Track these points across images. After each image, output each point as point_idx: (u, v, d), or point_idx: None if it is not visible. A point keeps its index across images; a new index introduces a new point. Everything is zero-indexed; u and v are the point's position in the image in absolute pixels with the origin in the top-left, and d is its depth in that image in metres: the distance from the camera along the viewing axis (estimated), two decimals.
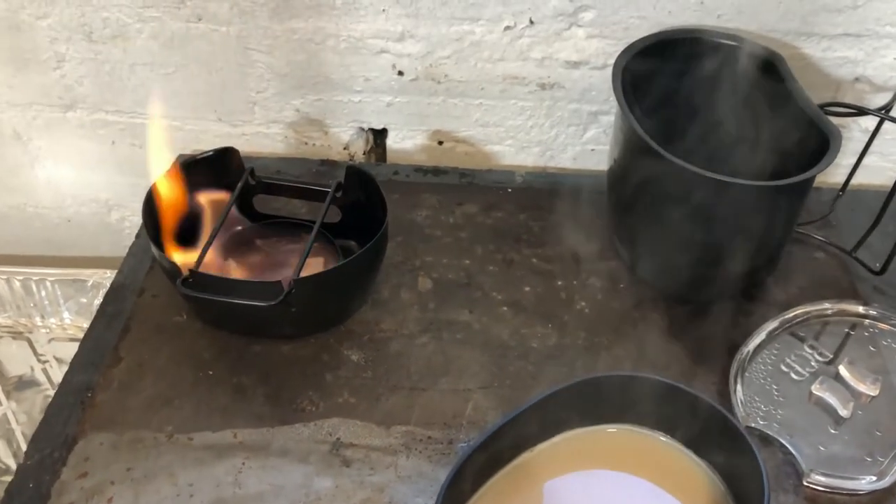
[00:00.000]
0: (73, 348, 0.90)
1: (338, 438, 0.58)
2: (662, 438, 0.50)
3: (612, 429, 0.50)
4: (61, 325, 0.92)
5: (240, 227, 0.70)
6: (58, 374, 0.88)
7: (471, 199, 0.77)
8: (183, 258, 0.62)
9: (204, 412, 0.60)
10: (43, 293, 0.91)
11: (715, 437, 0.48)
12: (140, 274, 0.70)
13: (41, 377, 0.88)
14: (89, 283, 0.90)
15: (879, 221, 0.68)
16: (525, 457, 0.49)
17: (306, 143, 0.83)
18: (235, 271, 0.66)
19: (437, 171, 0.81)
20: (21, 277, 0.90)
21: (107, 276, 0.90)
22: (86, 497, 0.55)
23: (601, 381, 0.48)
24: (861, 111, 0.64)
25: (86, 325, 0.91)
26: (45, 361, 0.89)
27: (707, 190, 0.59)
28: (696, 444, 0.49)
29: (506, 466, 0.48)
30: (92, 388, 0.62)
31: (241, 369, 0.63)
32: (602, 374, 0.49)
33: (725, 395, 0.60)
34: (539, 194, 0.78)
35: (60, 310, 0.91)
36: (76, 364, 0.64)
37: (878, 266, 0.69)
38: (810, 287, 0.69)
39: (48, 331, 0.92)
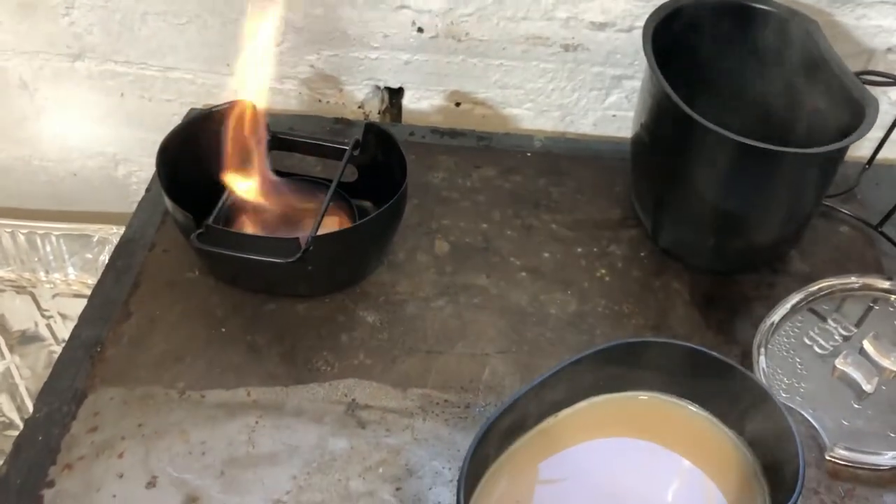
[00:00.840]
0: (77, 304, 0.89)
1: (353, 399, 0.57)
2: (691, 408, 0.49)
3: (640, 396, 0.49)
4: (66, 280, 0.90)
5: (255, 184, 0.69)
6: (62, 329, 0.87)
7: (488, 163, 0.76)
8: (197, 212, 0.60)
9: (217, 370, 0.59)
10: (48, 248, 0.89)
11: (746, 406, 0.47)
12: (150, 228, 0.69)
13: (45, 332, 0.86)
14: (95, 239, 0.88)
15: None
16: (549, 422, 0.48)
17: (320, 101, 0.82)
18: (249, 228, 0.65)
19: (453, 133, 0.79)
20: (26, 231, 0.89)
21: (113, 232, 0.88)
22: (96, 451, 0.54)
23: (630, 346, 0.47)
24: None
25: (90, 280, 0.90)
26: (49, 317, 0.88)
27: (737, 156, 0.57)
28: (726, 413, 0.48)
29: (530, 431, 0.47)
30: (101, 343, 0.60)
31: (254, 328, 0.61)
32: (632, 340, 0.47)
33: (748, 368, 0.59)
34: (559, 159, 0.76)
35: (65, 265, 0.90)
36: (85, 318, 0.62)
37: None
38: (835, 261, 0.68)
39: (52, 286, 0.90)
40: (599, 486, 0.47)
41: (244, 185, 0.67)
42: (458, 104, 0.80)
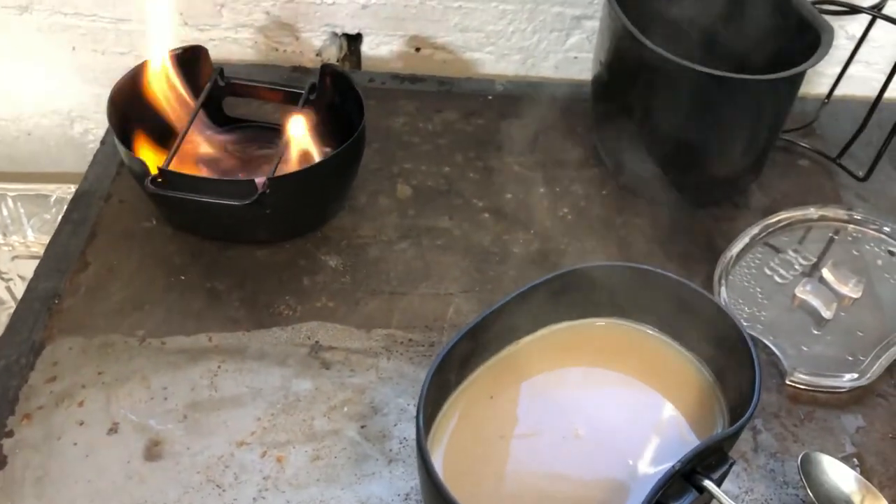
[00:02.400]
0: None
1: (316, 342, 0.57)
2: (650, 331, 0.49)
3: (599, 322, 0.49)
4: (24, 242, 0.89)
5: (209, 132, 0.68)
6: (22, 291, 0.85)
7: (450, 107, 0.75)
8: (152, 160, 0.59)
9: (177, 317, 0.58)
10: (4, 211, 0.87)
11: (705, 328, 0.47)
12: (106, 181, 0.67)
13: (5, 295, 0.85)
14: (52, 199, 0.87)
15: (864, 129, 0.68)
16: (510, 349, 0.48)
17: (276, 50, 0.80)
18: (206, 175, 0.64)
19: (414, 78, 0.78)
20: None
21: (70, 191, 0.86)
22: (55, 401, 0.53)
23: (587, 271, 0.47)
24: (853, 9, 0.62)
25: None
26: (8, 280, 0.86)
27: (696, 86, 0.57)
28: (685, 336, 0.49)
29: (491, 359, 0.47)
30: (59, 295, 0.59)
31: (214, 274, 0.61)
32: (589, 265, 0.47)
33: None
34: (520, 102, 0.76)
35: (23, 227, 0.88)
36: (41, 271, 0.61)
37: (861, 173, 0.69)
38: (794, 193, 0.68)
39: (11, 248, 0.88)
40: (559, 411, 0.47)
41: (199, 133, 0.66)
42: (418, 49, 0.79)
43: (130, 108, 0.62)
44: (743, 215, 0.66)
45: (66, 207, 0.83)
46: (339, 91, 0.65)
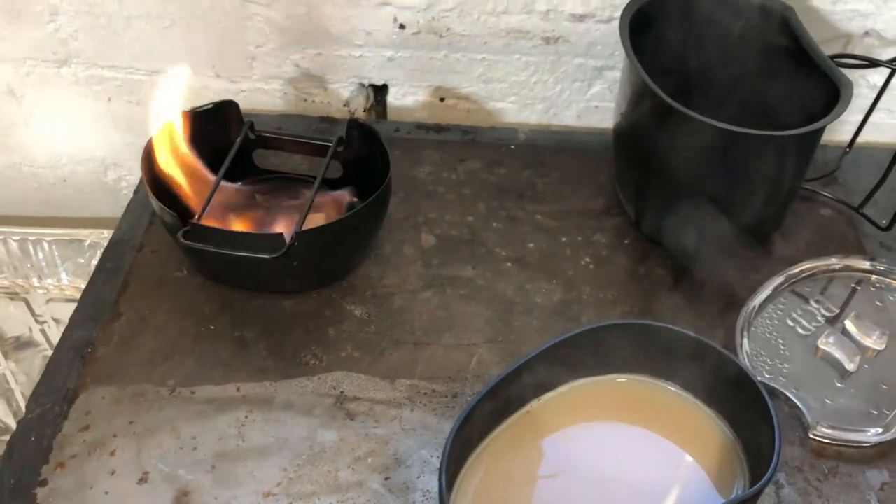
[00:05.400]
0: (70, 309, 0.88)
1: (342, 392, 0.58)
2: (671, 388, 0.50)
3: (621, 378, 0.50)
4: (59, 285, 0.91)
5: (239, 183, 0.69)
6: (56, 334, 0.88)
7: (473, 156, 0.76)
8: (183, 211, 0.61)
9: (206, 366, 0.59)
10: (40, 254, 0.90)
11: (725, 386, 0.47)
12: (139, 230, 0.69)
13: (39, 338, 0.87)
14: (87, 244, 0.89)
15: (887, 177, 0.68)
16: (532, 406, 0.48)
17: (305, 100, 0.82)
18: (236, 226, 0.65)
19: (438, 128, 0.80)
20: (18, 238, 0.89)
21: (104, 237, 0.89)
22: (88, 450, 0.55)
23: (609, 329, 0.48)
24: (872, 62, 0.63)
25: (83, 285, 0.90)
26: (42, 322, 0.88)
27: (716, 141, 0.58)
28: (706, 393, 0.49)
29: (512, 416, 0.48)
30: (92, 343, 0.61)
31: (242, 324, 0.62)
32: (610, 323, 0.48)
33: (731, 350, 0.59)
34: (542, 151, 0.77)
35: (58, 270, 0.91)
36: (76, 319, 0.63)
37: (884, 222, 0.69)
38: (817, 243, 0.69)
39: (45, 291, 0.91)
40: (582, 469, 0.48)
41: (230, 185, 0.67)
42: (442, 99, 0.81)
43: (164, 160, 0.64)
44: (765, 265, 0.66)
45: (100, 256, 0.86)
46: (366, 144, 0.67)
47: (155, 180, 0.63)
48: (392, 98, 0.82)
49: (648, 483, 0.47)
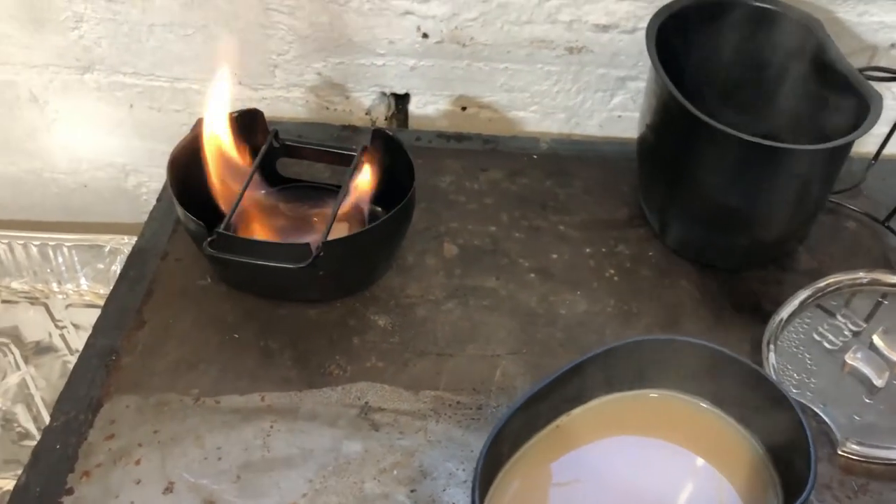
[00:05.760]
0: (90, 314, 0.90)
1: (366, 402, 0.58)
2: (702, 404, 0.50)
3: (650, 394, 0.50)
4: (78, 290, 0.91)
5: (262, 191, 0.69)
6: (75, 339, 0.88)
7: (495, 166, 0.76)
8: (207, 219, 0.61)
9: (230, 375, 0.59)
10: (60, 259, 0.90)
11: (757, 402, 0.47)
12: (162, 237, 0.69)
13: (59, 343, 0.87)
14: (106, 249, 0.89)
15: None
16: (562, 420, 0.48)
17: (327, 108, 0.82)
18: (259, 235, 0.65)
19: (459, 137, 0.80)
20: (38, 243, 0.89)
21: (124, 242, 0.89)
22: (113, 459, 0.55)
23: (640, 344, 0.47)
24: None
25: (103, 290, 0.91)
26: (62, 327, 0.89)
27: (743, 154, 0.58)
28: (738, 410, 0.49)
29: (542, 430, 0.47)
30: (116, 351, 0.61)
31: (267, 333, 0.62)
32: (642, 338, 0.48)
33: (758, 364, 0.59)
34: (565, 161, 0.77)
35: (77, 275, 0.91)
36: (99, 327, 0.63)
37: None
38: (842, 256, 0.68)
39: (65, 297, 0.91)
40: (611, 484, 0.48)
41: (254, 193, 0.67)
42: (464, 108, 0.81)
43: (188, 167, 0.64)
44: (790, 278, 0.66)
45: (120, 262, 0.86)
46: (389, 153, 0.66)
47: (181, 187, 0.63)
48: (413, 107, 0.82)
49: (678, 499, 0.46)
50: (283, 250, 0.59)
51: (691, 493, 0.46)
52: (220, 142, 0.65)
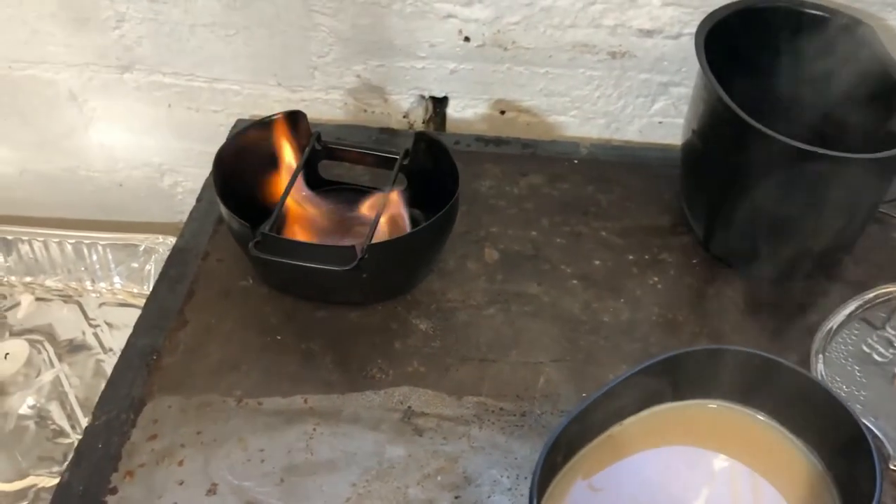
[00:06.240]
0: (123, 312, 0.90)
1: (409, 407, 0.57)
2: (760, 417, 0.49)
3: (709, 405, 0.49)
4: (111, 289, 0.91)
5: (304, 193, 0.69)
6: (108, 338, 0.88)
7: (535, 170, 0.76)
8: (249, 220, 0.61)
9: (273, 377, 0.59)
10: (94, 257, 0.90)
11: (816, 416, 0.46)
12: (203, 237, 0.69)
13: (92, 341, 0.87)
14: (141, 248, 0.89)
15: None
16: (615, 430, 0.47)
17: (365, 111, 0.82)
18: (301, 237, 0.65)
19: (498, 141, 0.79)
20: (73, 241, 0.89)
21: (159, 241, 0.89)
22: (157, 459, 0.55)
23: (697, 354, 0.47)
24: None
25: (136, 290, 0.91)
26: (96, 326, 0.89)
27: (795, 162, 0.57)
28: (796, 423, 0.48)
29: (595, 439, 0.47)
30: (158, 351, 0.61)
31: (309, 335, 0.62)
32: (700, 348, 0.47)
33: None
34: (605, 166, 0.76)
35: (111, 274, 0.91)
36: (140, 326, 0.63)
37: None
38: (889, 267, 0.67)
39: (98, 295, 0.91)
40: (662, 496, 0.47)
41: (296, 195, 0.67)
42: (502, 112, 0.81)
43: (232, 167, 0.64)
44: (836, 289, 0.65)
45: (157, 261, 0.86)
46: (431, 157, 0.66)
47: (224, 187, 0.63)
48: (451, 110, 0.81)
49: None
50: (329, 252, 0.59)
51: None
52: (265, 142, 0.65)
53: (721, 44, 0.64)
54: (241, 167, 0.65)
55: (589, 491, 0.46)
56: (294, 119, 0.67)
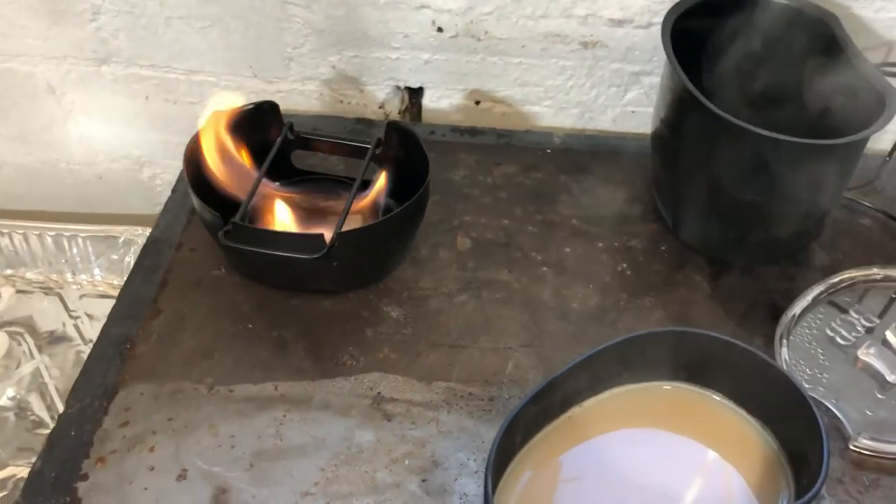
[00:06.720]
0: (103, 304, 0.90)
1: (379, 393, 0.58)
2: (715, 397, 0.50)
3: (664, 386, 0.50)
4: (92, 281, 0.92)
5: (277, 183, 0.70)
6: (89, 329, 0.88)
7: (509, 160, 0.76)
8: (222, 211, 0.61)
9: (244, 365, 0.60)
10: (74, 249, 0.91)
11: (770, 396, 0.47)
12: (177, 228, 0.70)
13: (73, 332, 0.88)
14: (121, 240, 0.90)
15: None
16: (574, 412, 0.48)
17: (341, 102, 0.83)
18: (274, 226, 0.66)
19: (473, 131, 0.80)
20: (53, 233, 0.90)
21: (138, 233, 0.89)
22: (128, 446, 0.55)
23: (654, 336, 0.47)
24: None
25: (117, 281, 0.92)
26: (76, 317, 0.89)
27: (759, 149, 0.58)
28: (751, 403, 0.49)
29: (554, 421, 0.48)
30: (131, 340, 0.61)
31: (281, 323, 0.62)
32: (655, 330, 0.48)
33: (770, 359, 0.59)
34: (578, 156, 0.77)
35: (92, 266, 0.91)
36: (114, 316, 0.64)
37: None
38: (855, 252, 0.68)
39: (79, 287, 0.92)
40: (623, 476, 0.48)
41: (269, 185, 0.68)
42: (477, 102, 0.81)
43: (204, 159, 0.65)
44: (803, 274, 0.66)
45: (134, 252, 0.87)
46: (404, 147, 0.67)
47: (196, 178, 0.63)
48: (427, 100, 0.82)
49: (688, 491, 0.46)
50: (298, 241, 0.60)
51: (701, 485, 0.46)
52: (235, 134, 0.65)
53: (689, 33, 0.65)
54: (214, 159, 0.65)
55: (549, 472, 0.46)
56: (266, 109, 0.68)
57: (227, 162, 0.65)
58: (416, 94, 0.82)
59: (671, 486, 0.46)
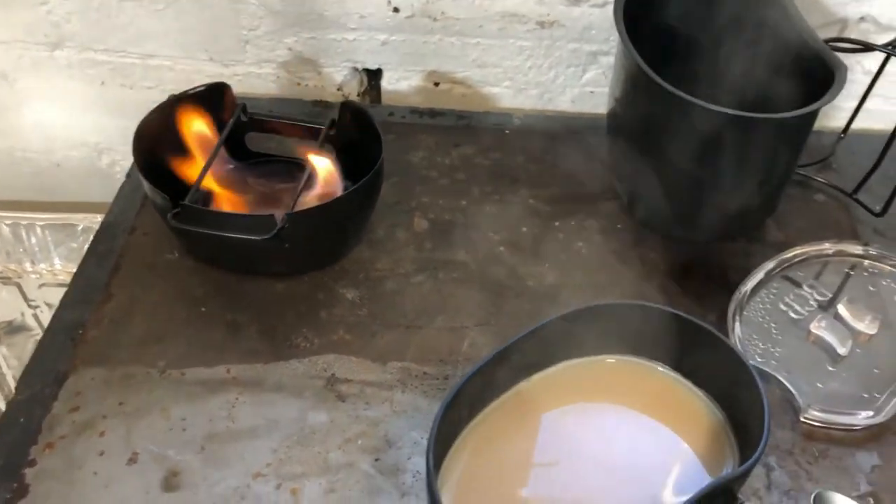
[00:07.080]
0: (63, 293, 0.89)
1: (333, 374, 0.58)
2: (661, 369, 0.50)
3: (610, 359, 0.50)
4: (52, 270, 0.91)
5: (231, 166, 0.69)
6: (48, 319, 0.87)
7: (468, 141, 0.76)
8: (175, 194, 0.61)
9: (197, 348, 0.59)
10: (33, 239, 0.90)
11: (715, 367, 0.47)
12: (130, 213, 0.69)
13: (32, 322, 0.87)
14: (80, 228, 0.89)
15: (880, 163, 0.68)
16: (522, 386, 0.48)
17: (299, 84, 0.82)
18: (228, 209, 0.65)
19: (433, 112, 0.79)
20: (10, 222, 0.89)
21: (97, 221, 0.88)
22: (77, 431, 0.55)
23: (599, 309, 0.47)
24: (867, 47, 0.63)
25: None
26: (35, 307, 0.88)
27: (709, 124, 0.58)
28: (696, 374, 0.49)
29: (502, 395, 0.48)
30: (83, 325, 0.61)
31: (234, 306, 0.62)
32: (600, 304, 0.48)
33: (724, 334, 0.59)
34: (537, 136, 0.77)
35: (51, 255, 0.90)
36: (67, 301, 0.63)
37: (878, 208, 0.69)
38: (810, 228, 0.68)
39: (38, 276, 0.91)
40: (570, 448, 0.48)
41: (222, 167, 0.67)
42: (437, 84, 0.81)
43: (156, 142, 0.64)
44: (758, 250, 0.66)
45: (91, 239, 0.86)
46: (359, 127, 0.66)
47: (147, 162, 0.63)
48: (386, 82, 0.81)
49: (636, 462, 0.47)
50: (248, 222, 0.59)
51: (648, 456, 0.46)
52: (186, 116, 0.65)
53: (642, 11, 0.65)
54: (166, 142, 0.65)
55: (497, 447, 0.46)
56: (218, 91, 0.67)
57: (178, 145, 0.64)
58: (374, 75, 0.81)
59: (616, 457, 0.47)
